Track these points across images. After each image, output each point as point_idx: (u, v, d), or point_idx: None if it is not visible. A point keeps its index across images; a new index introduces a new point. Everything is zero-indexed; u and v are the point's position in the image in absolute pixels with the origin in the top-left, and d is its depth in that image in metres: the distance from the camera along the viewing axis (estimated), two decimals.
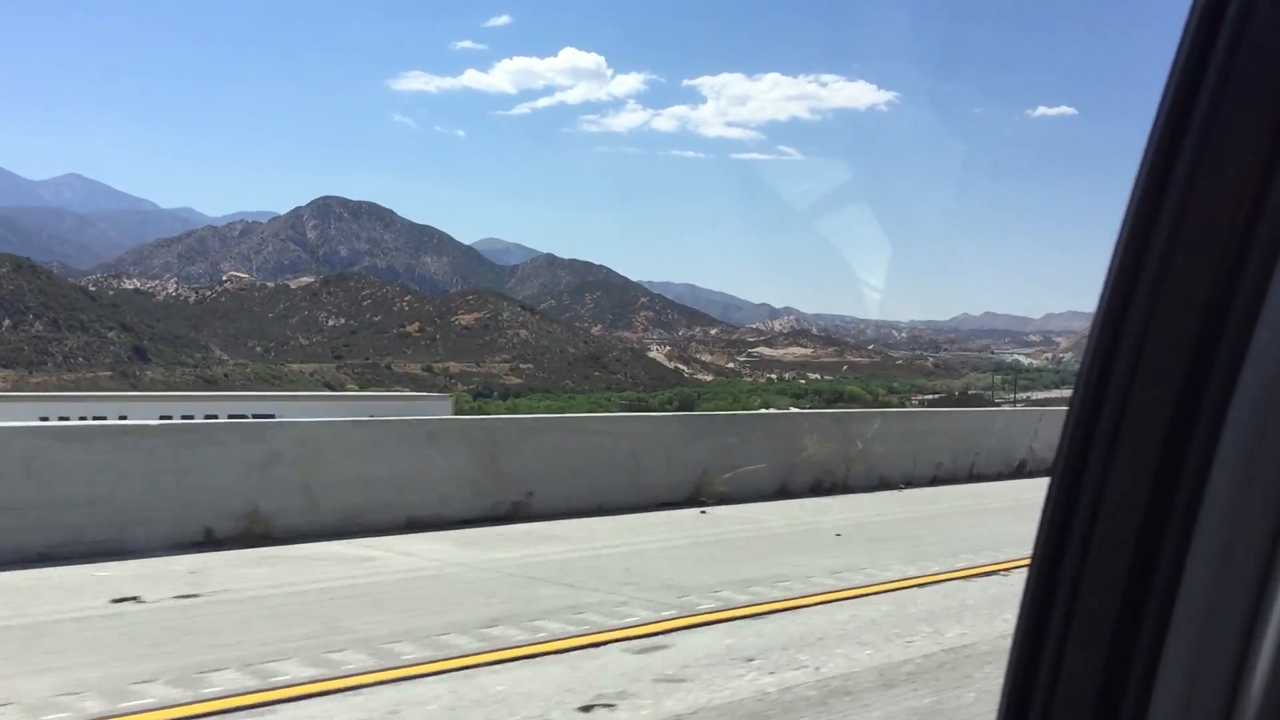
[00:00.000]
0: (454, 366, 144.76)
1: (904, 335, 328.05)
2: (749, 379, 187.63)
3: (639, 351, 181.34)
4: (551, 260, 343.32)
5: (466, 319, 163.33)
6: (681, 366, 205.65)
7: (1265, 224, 1.06)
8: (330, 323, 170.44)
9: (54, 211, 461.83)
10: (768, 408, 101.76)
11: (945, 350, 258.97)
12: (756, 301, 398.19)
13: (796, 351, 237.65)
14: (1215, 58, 1.09)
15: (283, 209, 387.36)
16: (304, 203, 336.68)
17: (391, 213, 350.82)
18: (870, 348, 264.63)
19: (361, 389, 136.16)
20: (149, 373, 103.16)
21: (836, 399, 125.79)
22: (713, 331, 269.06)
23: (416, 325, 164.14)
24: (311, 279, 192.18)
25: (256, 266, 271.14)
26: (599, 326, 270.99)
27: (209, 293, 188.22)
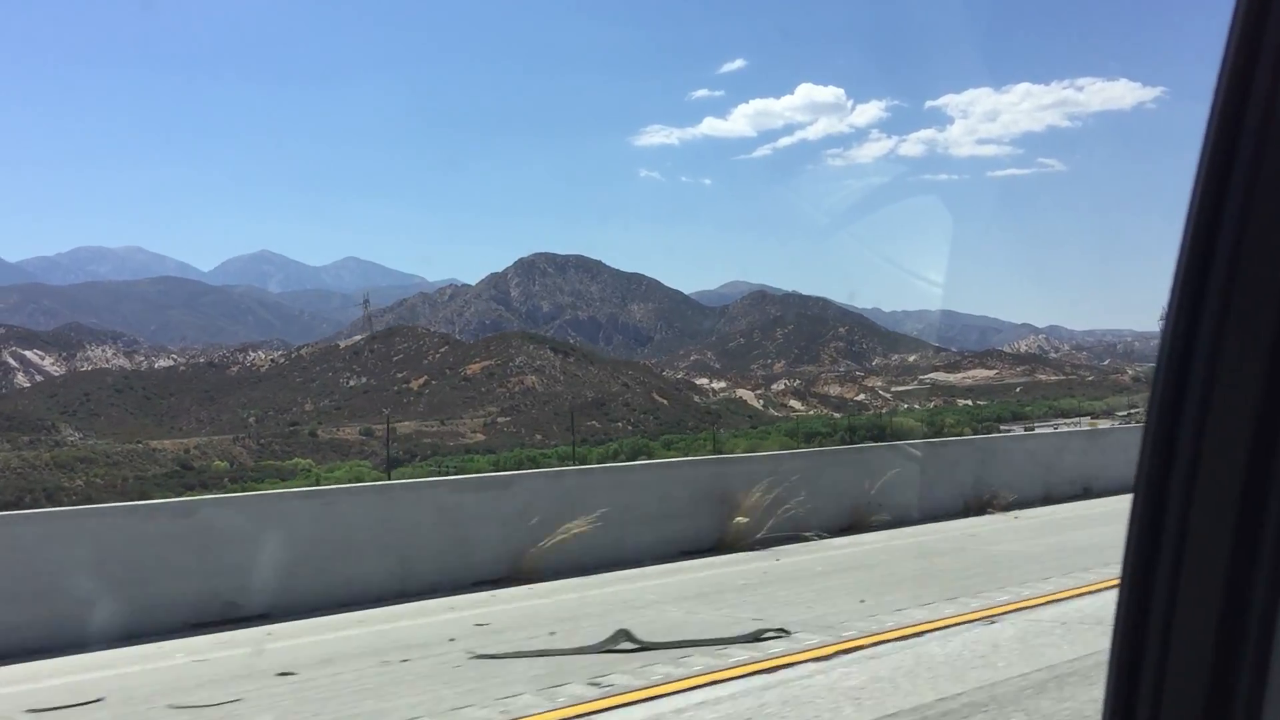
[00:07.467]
0: (408, 426, 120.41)
1: None
2: (870, 411, 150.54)
3: (681, 393, 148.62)
4: (762, 296, 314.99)
5: (474, 368, 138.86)
6: (796, 404, 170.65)
7: None
8: (351, 383, 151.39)
9: (322, 293, 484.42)
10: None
11: None
12: (1018, 322, 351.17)
13: (979, 374, 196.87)
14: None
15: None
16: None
17: (600, 264, 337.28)
18: (1106, 363, 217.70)
19: (259, 462, 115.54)
20: None
21: (843, 436, 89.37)
22: (911, 359, 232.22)
23: (422, 380, 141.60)
24: (361, 336, 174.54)
25: (459, 329, 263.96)
26: (782, 363, 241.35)
27: (283, 359, 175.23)
